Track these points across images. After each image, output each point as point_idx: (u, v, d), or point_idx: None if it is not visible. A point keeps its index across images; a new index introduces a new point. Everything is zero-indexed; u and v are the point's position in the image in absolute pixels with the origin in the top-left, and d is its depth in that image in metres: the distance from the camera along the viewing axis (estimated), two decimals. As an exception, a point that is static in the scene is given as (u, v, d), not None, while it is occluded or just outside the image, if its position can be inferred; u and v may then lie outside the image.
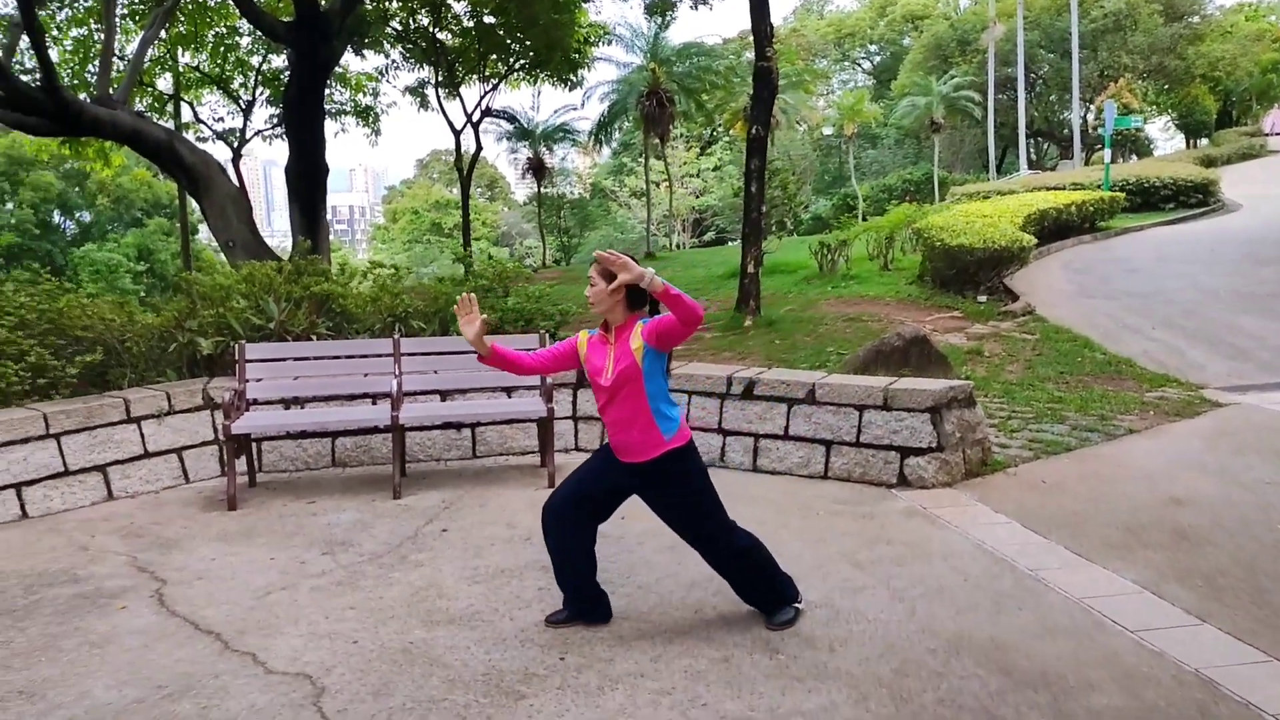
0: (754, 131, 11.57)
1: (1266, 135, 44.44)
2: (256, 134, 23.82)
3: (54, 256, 42.50)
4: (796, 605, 4.02)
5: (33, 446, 5.71)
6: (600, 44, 23.28)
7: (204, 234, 46.07)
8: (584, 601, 3.97)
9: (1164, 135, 57.39)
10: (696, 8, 18.37)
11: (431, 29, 22.33)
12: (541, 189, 35.87)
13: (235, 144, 23.62)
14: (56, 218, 46.69)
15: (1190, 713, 3.21)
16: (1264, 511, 5.23)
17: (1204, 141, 43.87)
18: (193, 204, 25.98)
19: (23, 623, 4.05)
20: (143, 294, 37.17)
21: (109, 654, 3.74)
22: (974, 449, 6.18)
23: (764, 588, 3.96)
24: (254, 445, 6.45)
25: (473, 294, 3.77)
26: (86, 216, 48.12)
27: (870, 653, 3.67)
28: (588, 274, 3.69)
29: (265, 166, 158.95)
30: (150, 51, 17.49)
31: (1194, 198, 23.69)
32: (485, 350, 3.74)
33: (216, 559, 4.84)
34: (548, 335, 6.84)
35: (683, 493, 3.81)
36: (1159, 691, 3.34)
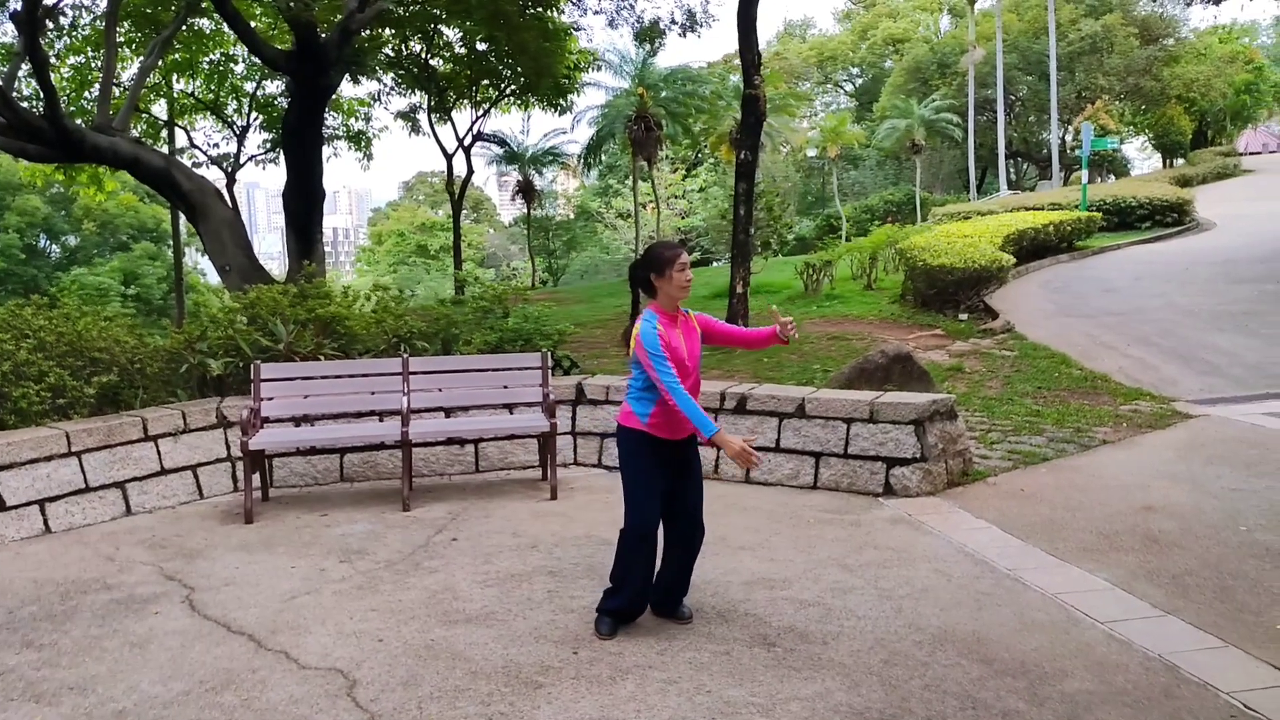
0: (742, 156, 11.94)
1: (1241, 155, 45.35)
2: (250, 159, 24.11)
3: (39, 281, 42.49)
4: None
5: (56, 464, 5.94)
6: (589, 70, 23.72)
7: (190, 258, 46.20)
8: (644, 595, 4.16)
9: (1141, 155, 58.32)
10: (685, 35, 18.85)
11: (424, 55, 22.73)
12: (531, 211, 36.24)
13: (229, 169, 23.89)
14: (42, 242, 46.80)
15: (1155, 695, 3.50)
16: (1231, 517, 5.55)
17: (1180, 161, 44.62)
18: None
19: (64, 626, 4.30)
20: (131, 318, 37.21)
21: (150, 653, 3.98)
22: (955, 460, 6.49)
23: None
24: (266, 461, 6.70)
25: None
26: (73, 240, 48.18)
27: (860, 646, 3.96)
28: (682, 262, 4.04)
29: (248, 189, 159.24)
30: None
31: (1169, 217, 24.14)
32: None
33: (240, 567, 5.09)
34: (549, 354, 7.12)
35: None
36: (1127, 676, 3.65)
